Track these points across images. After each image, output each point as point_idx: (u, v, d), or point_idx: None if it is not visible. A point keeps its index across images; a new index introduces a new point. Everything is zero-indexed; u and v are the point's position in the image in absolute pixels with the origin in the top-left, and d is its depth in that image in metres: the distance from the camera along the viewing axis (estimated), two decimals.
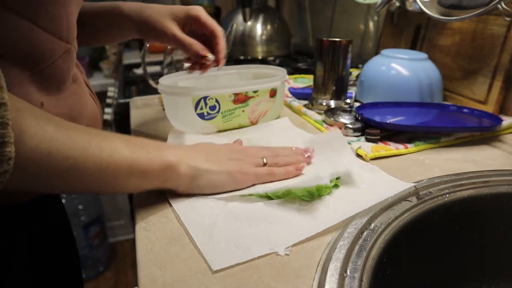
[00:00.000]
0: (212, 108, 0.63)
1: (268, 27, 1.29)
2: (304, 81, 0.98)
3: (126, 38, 0.61)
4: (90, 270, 1.70)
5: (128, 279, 1.71)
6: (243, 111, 0.65)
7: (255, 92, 0.65)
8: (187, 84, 0.70)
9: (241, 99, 0.64)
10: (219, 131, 0.66)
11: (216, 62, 0.58)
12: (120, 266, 1.79)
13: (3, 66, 0.33)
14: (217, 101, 0.62)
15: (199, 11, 0.57)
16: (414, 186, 0.45)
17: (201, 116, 0.62)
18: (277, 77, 0.67)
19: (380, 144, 0.58)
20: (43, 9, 0.38)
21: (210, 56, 0.54)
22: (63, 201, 1.55)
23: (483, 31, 0.72)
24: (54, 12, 0.39)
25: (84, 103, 0.48)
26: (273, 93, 0.67)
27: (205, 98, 0.61)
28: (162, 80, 0.64)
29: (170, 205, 0.44)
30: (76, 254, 0.62)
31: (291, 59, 1.32)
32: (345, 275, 0.32)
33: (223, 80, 0.73)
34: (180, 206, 0.43)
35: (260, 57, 1.28)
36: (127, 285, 1.68)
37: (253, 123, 0.68)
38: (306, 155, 0.52)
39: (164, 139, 0.63)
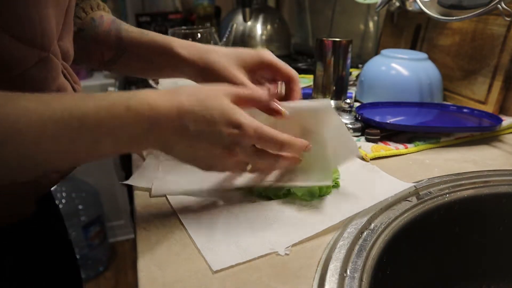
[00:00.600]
0: None
1: (268, 27, 1.29)
2: (304, 81, 0.98)
3: (180, 77, 0.57)
4: (90, 270, 1.70)
5: (128, 279, 1.71)
6: None
7: None
8: (186, 84, 0.69)
9: None
10: None
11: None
12: (120, 266, 1.79)
13: None
14: None
15: (270, 56, 0.51)
16: (414, 186, 0.45)
17: None
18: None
19: (380, 144, 0.58)
20: (7, 10, 0.33)
21: (285, 113, 0.45)
22: (63, 200, 1.55)
23: (483, 31, 0.72)
24: (23, 15, 0.34)
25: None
26: None
27: None
28: (163, 81, 0.64)
29: (170, 205, 0.44)
30: (74, 257, 0.62)
31: (291, 59, 1.32)
32: (345, 275, 0.32)
33: None
34: (181, 206, 0.43)
35: None
36: (127, 285, 1.68)
37: None
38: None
39: None
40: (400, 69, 0.73)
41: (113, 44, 0.53)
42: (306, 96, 0.82)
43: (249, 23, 1.28)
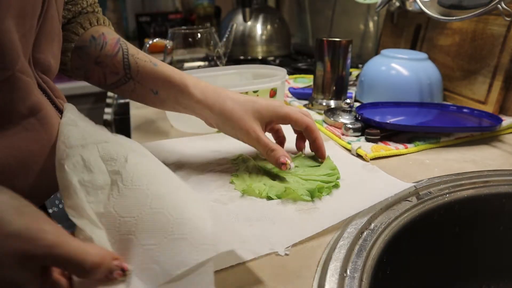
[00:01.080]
0: None
1: (268, 27, 1.29)
2: (304, 81, 0.98)
3: (188, 114, 0.54)
4: None
5: None
6: None
7: (255, 92, 0.65)
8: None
9: None
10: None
11: (321, 157, 0.52)
12: None
13: None
14: None
15: (287, 110, 0.50)
16: (414, 186, 0.45)
17: None
18: (277, 77, 0.67)
19: (380, 144, 0.58)
20: None
21: (291, 165, 0.47)
22: (63, 200, 1.56)
23: (483, 31, 0.72)
24: None
25: (42, 143, 0.37)
26: (273, 93, 0.67)
27: None
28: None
29: None
30: None
31: (291, 59, 1.32)
32: (345, 275, 0.32)
33: (223, 81, 0.73)
34: None
35: (260, 57, 1.28)
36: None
37: None
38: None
39: (164, 138, 0.63)
40: (400, 69, 0.73)
41: (119, 69, 0.50)
42: (306, 95, 0.82)
43: (249, 23, 1.28)
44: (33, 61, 0.37)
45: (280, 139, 0.55)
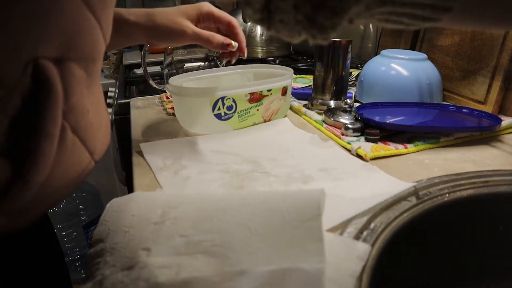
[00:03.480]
0: (229, 108, 0.63)
1: None
2: (304, 81, 0.99)
3: (133, 44, 0.61)
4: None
5: None
6: (257, 110, 0.66)
7: (269, 90, 0.66)
8: (191, 85, 0.70)
9: (256, 98, 0.65)
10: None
11: (241, 52, 0.59)
12: None
13: (69, 71, 0.31)
14: (234, 101, 0.63)
15: (210, 7, 0.58)
16: (414, 186, 0.45)
17: (218, 116, 0.63)
18: (288, 75, 0.69)
19: (380, 144, 0.58)
20: None
21: (234, 43, 0.56)
22: (63, 200, 1.55)
23: (483, 31, 0.72)
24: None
25: (103, 108, 0.43)
26: (284, 91, 0.69)
27: (222, 98, 0.62)
28: (172, 81, 0.64)
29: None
30: (65, 268, 0.62)
31: (291, 59, 1.32)
32: None
33: (224, 81, 0.74)
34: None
35: (260, 57, 1.29)
36: None
37: (266, 121, 0.69)
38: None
39: (164, 138, 0.63)
40: (399, 69, 0.74)
41: None
42: (306, 96, 0.82)
43: (249, 23, 1.28)
44: None
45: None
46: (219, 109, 0.62)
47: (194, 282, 0.29)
